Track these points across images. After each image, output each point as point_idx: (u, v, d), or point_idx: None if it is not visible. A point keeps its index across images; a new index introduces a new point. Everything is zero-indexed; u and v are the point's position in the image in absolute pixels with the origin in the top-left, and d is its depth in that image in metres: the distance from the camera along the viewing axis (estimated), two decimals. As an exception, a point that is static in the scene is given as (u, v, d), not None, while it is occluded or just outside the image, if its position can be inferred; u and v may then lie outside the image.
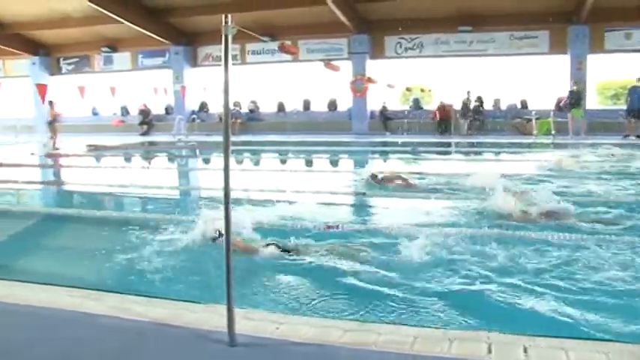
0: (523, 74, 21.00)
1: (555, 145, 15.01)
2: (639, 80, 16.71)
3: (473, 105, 20.07)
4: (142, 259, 4.80)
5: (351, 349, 2.84)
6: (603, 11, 17.64)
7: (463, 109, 19.84)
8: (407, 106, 22.62)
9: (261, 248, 4.72)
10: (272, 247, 4.70)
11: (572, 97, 17.44)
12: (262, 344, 2.93)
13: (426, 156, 14.20)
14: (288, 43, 19.80)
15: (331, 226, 5.88)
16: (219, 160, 15.14)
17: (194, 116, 22.84)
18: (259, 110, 23.53)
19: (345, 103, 22.33)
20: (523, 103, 20.55)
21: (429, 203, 6.70)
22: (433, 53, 20.72)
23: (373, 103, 21.77)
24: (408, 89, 23.43)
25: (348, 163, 14.25)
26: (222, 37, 2.84)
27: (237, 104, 22.87)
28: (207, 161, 15.56)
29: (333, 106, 22.80)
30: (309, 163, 14.06)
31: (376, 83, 20.58)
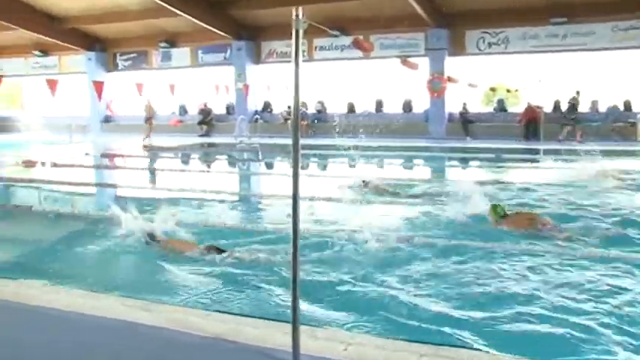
0: (626, 71, 20.09)
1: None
2: None
3: (567, 106, 19.38)
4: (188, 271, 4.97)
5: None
6: None
7: (569, 110, 19.10)
8: (490, 108, 22.18)
9: (196, 248, 5.45)
10: (208, 248, 5.39)
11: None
12: (329, 366, 2.96)
13: (513, 164, 13.86)
14: (361, 38, 19.87)
15: (403, 240, 5.88)
16: (283, 164, 15.41)
17: (257, 116, 23.28)
18: (327, 111, 23.69)
19: (421, 104, 22.14)
20: (626, 105, 19.66)
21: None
22: (520, 49, 20.18)
23: (452, 104, 21.48)
24: (492, 89, 22.97)
25: (424, 171, 14.11)
26: (293, 32, 2.88)
27: (303, 104, 23.14)
28: (270, 165, 15.83)
29: (408, 107, 22.65)
30: (382, 170, 14.00)
31: (457, 82, 20.29)
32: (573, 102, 19.26)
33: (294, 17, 2.87)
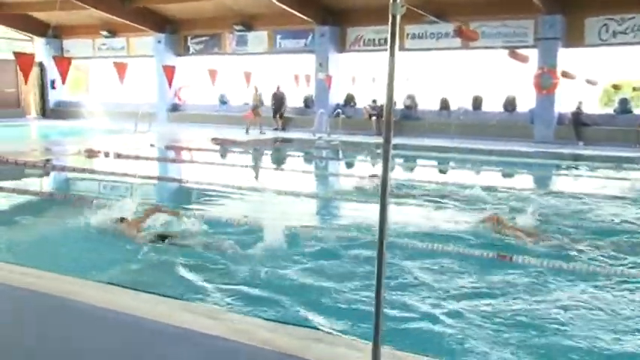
0: None
1: None
2: None
3: None
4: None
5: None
6: None
7: None
8: (609, 109, 21.36)
9: (141, 233, 6.39)
10: (154, 234, 6.36)
11: None
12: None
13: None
14: (466, 27, 19.59)
15: (504, 256, 5.82)
16: (365, 165, 15.44)
17: (338, 111, 23.41)
18: (417, 107, 23.52)
19: (526, 102, 21.60)
20: None
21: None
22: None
23: (564, 103, 20.82)
24: (614, 87, 22.11)
25: (525, 181, 13.77)
26: (390, 18, 2.88)
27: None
28: (350, 165, 15.90)
29: (510, 105, 22.14)
30: (477, 177, 13.77)
31: (574, 79, 19.62)
32: None
33: (392, 0, 2.87)
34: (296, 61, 25.37)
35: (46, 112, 31.17)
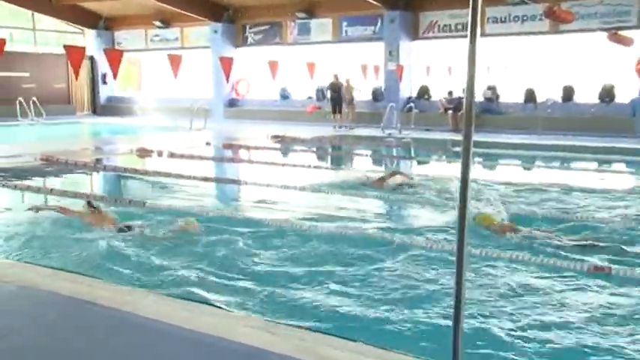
0: None
1: None
2: None
3: None
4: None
5: None
6: None
7: None
8: None
9: (112, 224, 7.33)
10: (117, 225, 7.28)
11: None
12: None
13: None
14: (558, 7, 19.15)
15: (600, 268, 5.71)
16: (441, 165, 15.26)
17: (411, 104, 23.22)
18: (499, 100, 23.13)
19: (626, 91, 20.94)
20: None
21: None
22: None
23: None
24: None
25: (626, 182, 13.32)
26: (470, 0, 2.82)
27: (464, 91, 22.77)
28: (423, 162, 15.75)
29: (607, 95, 21.49)
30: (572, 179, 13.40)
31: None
32: None
33: (471, -20, 2.81)
34: (363, 50, 25.33)
35: (96, 109, 32.11)
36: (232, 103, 29.01)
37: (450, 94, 23.15)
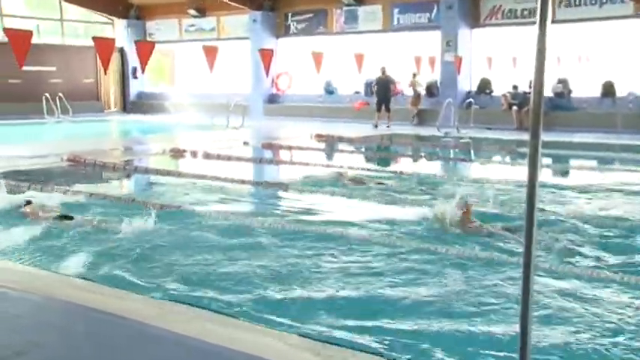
0: None
1: None
2: None
3: None
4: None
5: None
6: None
7: None
8: None
9: (45, 214, 8.35)
10: (58, 216, 8.23)
11: None
12: None
13: None
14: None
15: None
16: (504, 168, 15.06)
17: (470, 100, 23.03)
18: (570, 94, 22.78)
19: None
20: None
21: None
22: None
23: None
24: None
25: None
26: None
27: (530, 86, 22.47)
28: (484, 167, 15.54)
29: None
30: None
31: None
32: None
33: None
34: (417, 40, 25.20)
35: (126, 106, 32.56)
36: (272, 99, 29.12)
37: (515, 88, 22.87)
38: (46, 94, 26.31)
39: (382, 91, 23.89)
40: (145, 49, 17.74)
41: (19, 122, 24.42)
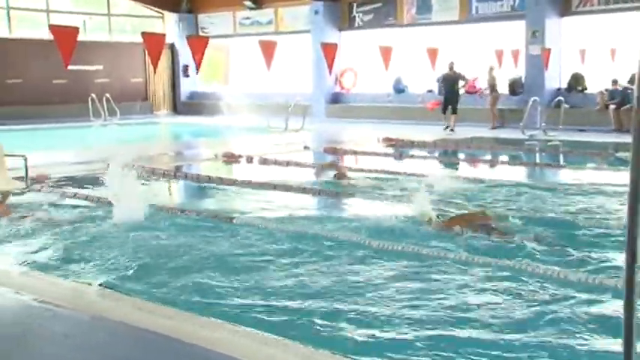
0: None
1: None
2: None
3: None
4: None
5: None
6: None
7: None
8: None
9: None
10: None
11: None
12: None
13: None
14: None
15: None
16: (599, 173, 14.66)
17: (560, 98, 22.59)
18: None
19: None
20: None
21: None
22: None
23: None
24: None
25: None
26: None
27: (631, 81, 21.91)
28: (576, 174, 15.08)
29: None
30: None
31: None
32: None
33: None
34: (499, 31, 24.95)
35: (177, 107, 32.96)
36: (336, 99, 29.18)
37: (615, 83, 22.33)
38: (93, 95, 26.78)
39: (449, 89, 23.38)
40: (198, 45, 17.87)
41: (64, 125, 24.92)
